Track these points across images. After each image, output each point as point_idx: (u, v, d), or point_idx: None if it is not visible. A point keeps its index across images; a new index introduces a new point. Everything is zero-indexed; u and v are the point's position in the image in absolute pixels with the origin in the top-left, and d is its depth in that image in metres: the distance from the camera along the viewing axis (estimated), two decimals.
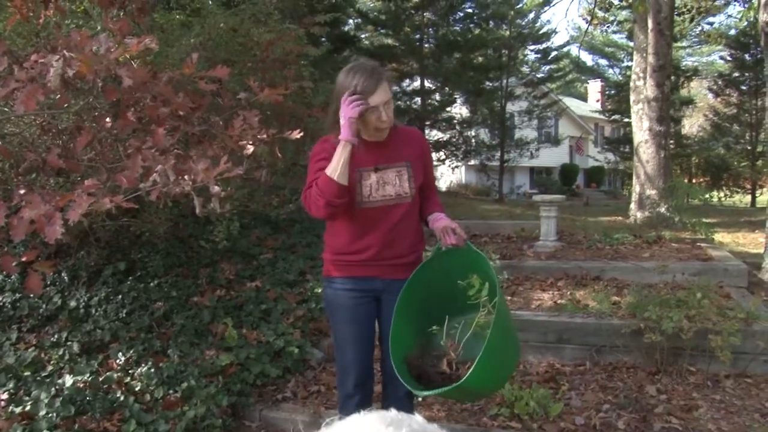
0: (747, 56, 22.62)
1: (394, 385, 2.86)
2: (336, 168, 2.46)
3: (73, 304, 4.62)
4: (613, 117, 27.08)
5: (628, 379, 4.22)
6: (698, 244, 7.15)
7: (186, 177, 2.20)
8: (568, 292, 5.46)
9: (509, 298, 5.48)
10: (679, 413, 3.66)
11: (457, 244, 2.67)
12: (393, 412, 1.97)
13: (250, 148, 2.76)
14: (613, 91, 28.61)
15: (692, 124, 32.14)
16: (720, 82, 25.12)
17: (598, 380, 4.23)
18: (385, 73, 2.53)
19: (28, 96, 2.12)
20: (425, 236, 2.96)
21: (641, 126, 9.54)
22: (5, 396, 3.59)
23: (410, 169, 2.70)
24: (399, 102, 17.26)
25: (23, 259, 3.26)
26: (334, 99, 2.55)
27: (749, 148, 23.32)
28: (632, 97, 10.08)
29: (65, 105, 2.91)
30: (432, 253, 2.81)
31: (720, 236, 9.11)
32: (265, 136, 2.74)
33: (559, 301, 5.23)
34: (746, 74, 23.15)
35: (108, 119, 2.80)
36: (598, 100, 36.47)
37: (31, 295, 4.65)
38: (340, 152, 2.47)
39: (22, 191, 2.36)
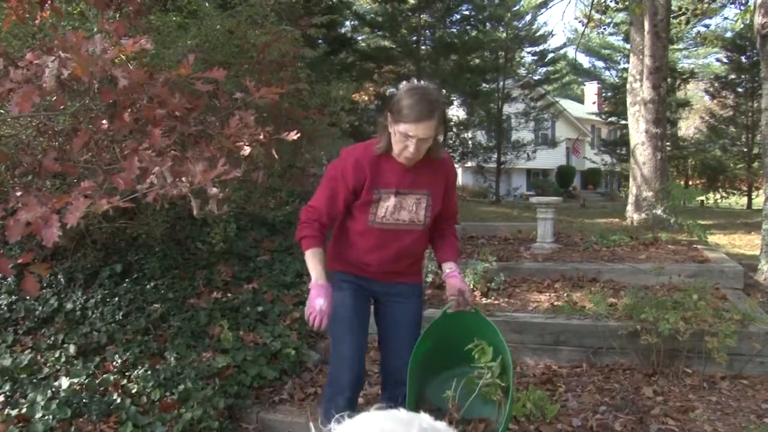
0: (743, 58, 22.71)
1: (394, 386, 2.87)
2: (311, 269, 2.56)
3: (69, 306, 4.61)
4: (609, 119, 27.16)
5: (624, 381, 4.22)
6: (695, 245, 7.16)
7: (183, 179, 2.20)
8: (565, 294, 5.46)
9: (506, 299, 5.49)
10: (675, 415, 3.66)
11: (463, 309, 2.74)
12: (402, 412, 1.99)
13: (247, 149, 2.76)
14: (609, 93, 28.73)
15: (688, 126, 32.21)
16: (716, 84, 25.21)
17: (595, 382, 4.23)
18: (438, 111, 2.45)
19: (23, 97, 2.11)
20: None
21: (638, 128, 9.56)
22: (1, 398, 3.58)
23: (430, 198, 2.70)
24: None
25: (19, 261, 3.26)
26: (389, 106, 2.52)
27: (745, 150, 23.41)
28: (629, 99, 10.09)
29: (61, 107, 2.90)
30: (441, 313, 2.86)
31: (716, 238, 9.14)
32: (261, 136, 2.73)
33: (555, 303, 5.23)
34: (742, 76, 23.24)
35: (104, 121, 2.79)
36: (594, 102, 36.56)
37: (27, 298, 4.64)
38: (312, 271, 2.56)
39: (18, 193, 2.35)
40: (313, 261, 2.56)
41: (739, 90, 23.91)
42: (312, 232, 2.59)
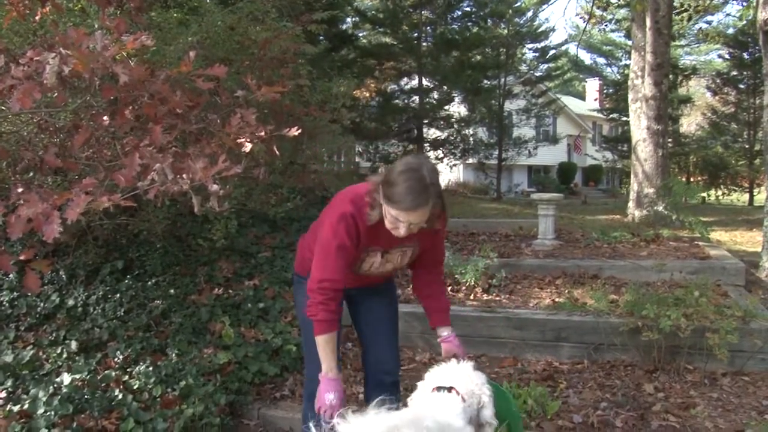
0: (745, 55, 22.67)
1: (379, 375, 2.90)
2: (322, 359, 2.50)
3: (71, 302, 4.61)
4: (611, 115, 27.16)
5: (625, 377, 4.22)
6: (696, 242, 7.16)
7: (184, 175, 2.20)
8: (566, 291, 5.47)
9: (507, 296, 5.49)
10: (676, 411, 3.66)
11: None
12: (409, 410, 2.00)
13: (248, 146, 2.75)
14: (611, 90, 28.70)
15: (690, 123, 32.19)
16: (718, 81, 25.18)
17: (596, 378, 4.24)
18: (433, 196, 2.32)
19: (24, 93, 2.11)
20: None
21: (639, 124, 9.55)
22: (3, 394, 3.59)
23: (417, 248, 2.70)
24: (397, 101, 17.27)
25: (21, 257, 3.26)
26: (382, 181, 2.39)
27: (747, 146, 23.38)
28: (630, 96, 10.08)
29: (62, 103, 2.90)
30: None
31: (718, 234, 9.13)
32: (262, 133, 2.73)
33: (557, 300, 5.23)
34: (744, 73, 23.21)
35: (105, 117, 2.79)
36: (596, 99, 36.51)
37: (29, 294, 4.65)
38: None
39: (19, 190, 2.35)
40: (325, 350, 2.49)
41: (741, 86, 23.89)
42: (328, 316, 2.48)
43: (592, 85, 38.84)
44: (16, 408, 3.36)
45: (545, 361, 4.59)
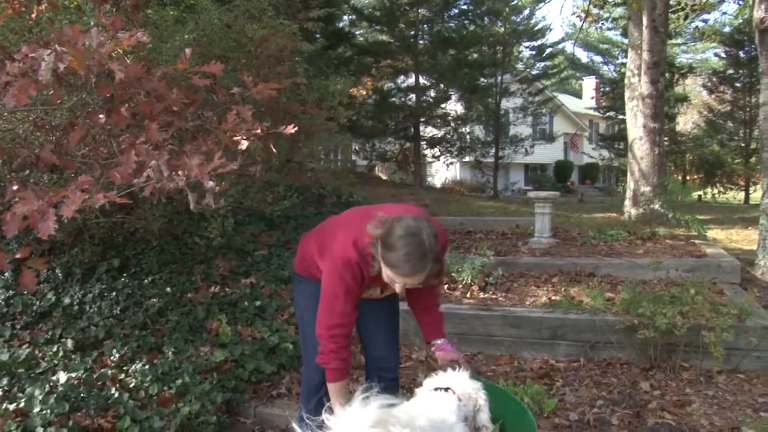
0: (741, 53, 22.71)
1: (380, 372, 2.91)
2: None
3: (67, 301, 4.60)
4: (607, 114, 27.17)
5: (621, 375, 4.23)
6: (692, 240, 7.17)
7: (180, 172, 2.20)
8: (563, 289, 5.48)
9: (504, 294, 5.50)
10: (672, 409, 3.67)
11: None
12: (403, 410, 2.01)
13: (244, 144, 2.75)
14: (607, 88, 28.72)
15: (686, 121, 32.22)
16: (714, 79, 25.22)
17: (592, 376, 4.24)
18: (431, 261, 2.30)
19: (19, 90, 2.11)
20: None
21: (636, 123, 9.56)
22: None
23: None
24: (393, 99, 17.28)
25: (17, 256, 3.25)
26: (381, 239, 2.34)
27: (743, 145, 23.43)
28: (627, 94, 10.09)
29: (58, 101, 2.89)
30: None
31: (714, 233, 9.15)
32: (258, 130, 2.73)
33: (553, 298, 5.24)
34: (740, 71, 23.26)
35: (101, 115, 2.78)
36: (592, 97, 36.54)
37: (25, 292, 4.63)
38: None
39: (15, 187, 2.35)
40: (337, 397, 2.46)
41: (737, 85, 23.94)
42: (340, 364, 2.47)
43: (589, 84, 38.86)
44: (12, 406, 3.35)
45: (541, 359, 4.60)
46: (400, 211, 2.53)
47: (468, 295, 5.49)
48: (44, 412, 3.29)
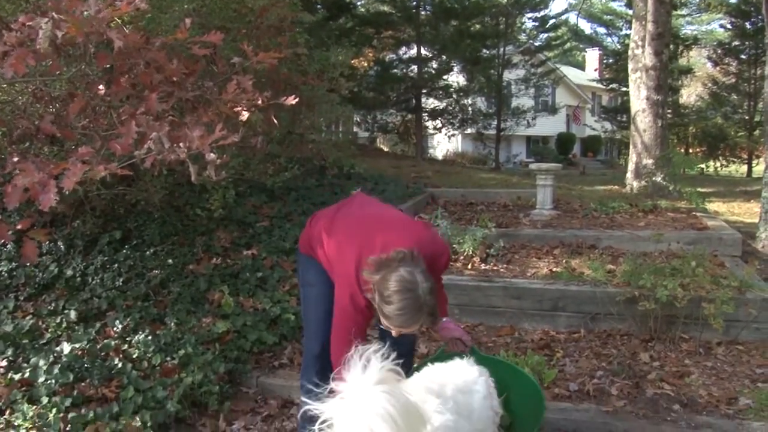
0: (747, 24, 22.47)
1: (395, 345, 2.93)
2: None
3: (69, 272, 4.62)
4: (610, 86, 26.98)
5: (621, 347, 4.26)
6: (694, 213, 7.16)
7: (181, 144, 2.19)
8: (564, 261, 5.48)
9: (505, 265, 5.51)
10: (671, 379, 3.70)
11: (463, 351, 2.75)
12: (423, 378, 2.02)
13: (245, 115, 2.74)
14: (611, 60, 28.50)
15: (690, 94, 32.01)
16: (719, 51, 25.00)
17: (593, 347, 4.27)
18: (425, 315, 2.27)
19: (17, 60, 2.09)
20: None
21: (639, 95, 9.49)
22: (4, 363, 3.61)
23: None
24: (395, 70, 17.16)
25: (18, 227, 3.25)
26: (377, 288, 2.29)
27: (747, 117, 23.30)
28: (630, 66, 10.00)
29: (57, 72, 2.87)
30: (437, 353, 2.93)
31: (715, 206, 9.14)
32: (259, 101, 2.71)
33: (554, 269, 5.25)
34: (746, 43, 23.03)
35: (101, 86, 2.77)
36: (596, 69, 36.30)
37: (28, 264, 4.65)
38: None
39: (15, 159, 2.35)
40: None
41: (743, 57, 23.73)
42: None
43: (592, 55, 38.57)
44: (17, 376, 3.39)
45: (542, 330, 4.62)
46: (403, 234, 2.49)
47: (469, 266, 5.50)
48: (49, 381, 3.32)
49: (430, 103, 18.59)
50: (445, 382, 2.21)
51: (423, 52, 17.26)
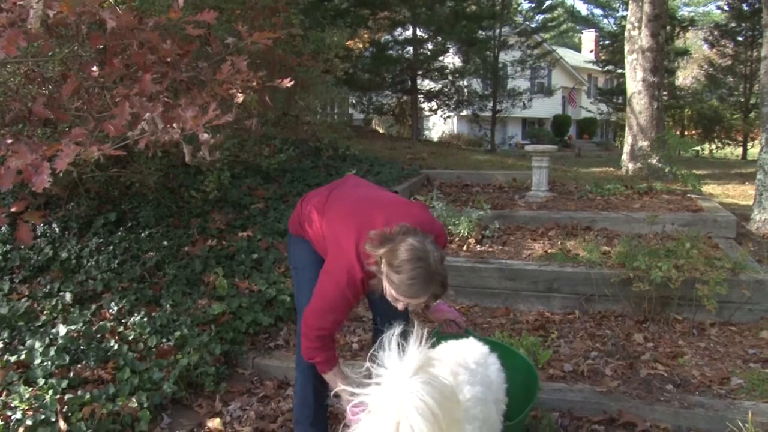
0: (745, 6, 22.31)
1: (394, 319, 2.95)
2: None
3: (64, 255, 4.61)
4: (606, 67, 26.85)
5: (616, 328, 4.28)
6: (689, 195, 7.18)
7: (174, 125, 2.18)
8: (559, 242, 5.50)
9: (500, 247, 5.52)
10: (664, 360, 3.73)
11: (458, 333, 2.75)
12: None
13: (240, 97, 2.72)
14: (607, 42, 28.33)
15: (686, 76, 31.93)
16: (716, 33, 24.84)
17: (587, 328, 4.29)
18: (436, 285, 2.24)
19: (8, 41, 2.07)
20: None
21: (635, 76, 9.47)
22: (0, 345, 3.61)
23: None
24: (390, 51, 17.06)
25: (12, 209, 3.24)
26: (386, 257, 2.26)
27: (743, 100, 23.24)
28: (627, 47, 9.96)
29: (49, 53, 2.85)
30: (432, 335, 2.90)
31: (710, 188, 9.16)
32: (254, 83, 2.70)
33: (549, 251, 5.26)
34: (743, 24, 22.89)
35: (94, 67, 2.75)
36: (592, 51, 36.14)
37: (22, 247, 4.64)
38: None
39: (8, 141, 2.33)
40: (335, 381, 2.47)
41: (739, 39, 23.59)
42: (327, 355, 2.49)
43: (588, 37, 38.38)
44: (13, 358, 3.39)
45: (537, 311, 4.64)
46: (403, 212, 2.48)
47: (465, 248, 5.51)
48: (45, 363, 3.33)
49: (426, 84, 18.50)
50: (466, 356, 2.23)
51: (418, 33, 17.13)
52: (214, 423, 3.22)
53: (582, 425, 3.14)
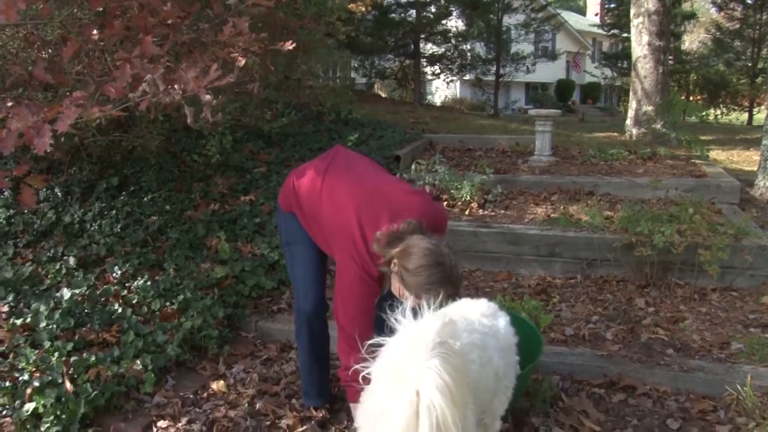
0: None
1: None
2: None
3: (67, 219, 4.62)
4: (611, 31, 26.52)
5: (617, 292, 4.30)
6: (693, 160, 7.15)
7: (176, 86, 2.16)
8: (561, 207, 5.49)
9: (503, 211, 5.52)
10: (665, 325, 3.75)
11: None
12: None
13: (242, 60, 2.69)
14: (612, 5, 27.93)
15: (692, 41, 31.56)
16: None
17: (588, 293, 4.31)
18: (452, 286, 2.22)
19: (7, 5, 2.04)
20: None
21: (640, 40, 9.35)
22: (6, 308, 3.64)
23: None
24: (393, 14, 16.86)
25: (14, 173, 3.24)
26: (400, 259, 2.23)
27: (750, 64, 22.99)
28: (632, 11, 9.82)
29: (49, 16, 2.82)
30: None
31: (715, 153, 9.11)
32: (256, 46, 2.67)
33: (552, 216, 5.26)
34: None
35: (94, 30, 2.71)
36: (597, 14, 35.67)
37: (26, 211, 4.65)
38: None
39: (9, 104, 2.32)
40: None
41: (748, 1, 23.26)
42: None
43: (593, 0, 37.89)
44: (18, 321, 3.42)
45: (539, 275, 4.66)
46: (404, 204, 2.44)
47: (467, 212, 5.51)
48: (50, 326, 3.36)
49: (429, 48, 18.31)
50: (469, 310, 2.25)
51: None
52: (218, 385, 3.26)
53: (582, 388, 3.17)
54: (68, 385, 2.90)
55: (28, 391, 2.84)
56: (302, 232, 2.75)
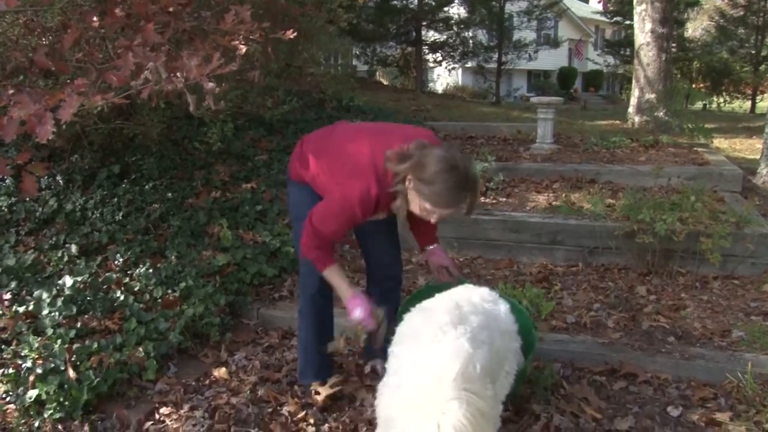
0: None
1: (384, 281, 2.98)
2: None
3: (69, 207, 4.63)
4: (614, 19, 26.37)
5: (619, 280, 4.30)
6: (695, 148, 7.14)
7: (178, 74, 2.15)
8: (563, 195, 5.48)
9: (505, 199, 5.52)
10: (667, 312, 3.75)
11: (451, 282, 2.76)
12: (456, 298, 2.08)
13: (243, 48, 2.68)
14: None
15: (696, 28, 31.37)
16: None
17: (590, 281, 4.32)
18: (472, 192, 2.29)
19: None
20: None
21: (643, 27, 9.30)
22: (8, 296, 3.65)
23: None
24: (395, 1, 16.79)
25: (16, 160, 3.24)
26: (414, 172, 2.26)
27: (753, 52, 22.87)
28: None
29: (49, 3, 2.80)
30: (424, 287, 3.05)
31: (717, 141, 9.10)
32: (257, 35, 2.66)
33: (553, 203, 5.26)
34: None
35: (95, 18, 2.70)
36: (600, 1, 35.43)
37: (27, 199, 4.65)
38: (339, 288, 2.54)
39: (10, 91, 2.31)
40: (334, 279, 2.55)
41: None
42: (322, 254, 2.53)
43: None
44: (21, 309, 3.43)
45: (540, 263, 4.66)
46: (415, 133, 2.50)
47: None
48: (53, 314, 3.37)
49: (431, 35, 18.26)
50: (469, 294, 2.28)
51: None
52: (220, 372, 3.27)
53: (583, 375, 3.18)
54: (71, 372, 2.92)
55: (31, 378, 2.86)
56: (309, 207, 2.74)
